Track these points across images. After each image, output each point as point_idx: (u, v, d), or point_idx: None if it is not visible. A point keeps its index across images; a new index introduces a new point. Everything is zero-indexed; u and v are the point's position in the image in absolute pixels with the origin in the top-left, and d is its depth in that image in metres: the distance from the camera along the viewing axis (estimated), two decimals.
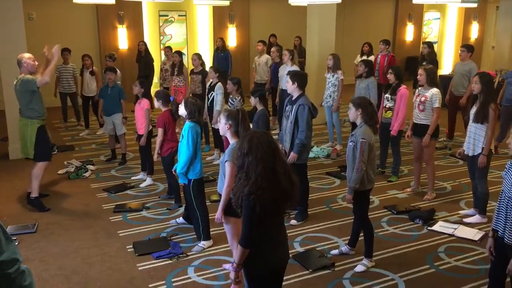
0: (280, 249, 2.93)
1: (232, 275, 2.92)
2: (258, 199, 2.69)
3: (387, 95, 6.50)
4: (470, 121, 5.16)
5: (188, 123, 4.64)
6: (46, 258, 4.59)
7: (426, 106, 5.74)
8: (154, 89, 10.34)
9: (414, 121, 5.93)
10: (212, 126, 7.17)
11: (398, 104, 6.28)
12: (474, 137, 5.12)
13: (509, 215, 3.13)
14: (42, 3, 10.89)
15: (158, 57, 12.06)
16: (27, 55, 5.55)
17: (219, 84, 7.02)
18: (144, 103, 6.40)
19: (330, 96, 7.82)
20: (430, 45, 9.17)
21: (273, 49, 9.05)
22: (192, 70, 8.18)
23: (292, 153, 5.03)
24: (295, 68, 7.63)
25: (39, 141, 5.58)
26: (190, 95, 7.92)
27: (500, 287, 3.43)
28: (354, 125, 4.52)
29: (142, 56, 10.46)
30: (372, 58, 9.53)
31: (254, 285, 2.96)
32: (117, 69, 7.78)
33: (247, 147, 2.74)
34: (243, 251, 2.81)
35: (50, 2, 10.98)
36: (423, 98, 5.76)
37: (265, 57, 9.49)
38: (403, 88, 6.30)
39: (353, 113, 4.26)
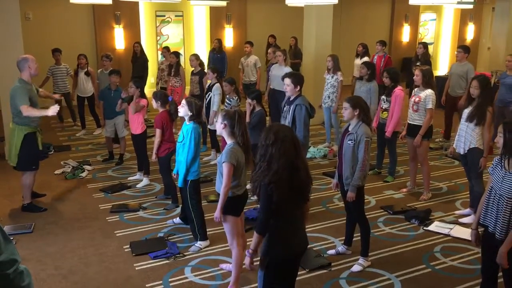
0: (300, 234, 3.10)
1: (247, 261, 3.07)
2: (277, 188, 2.85)
3: (383, 96, 6.51)
4: (462, 119, 5.14)
5: (191, 124, 4.64)
6: (43, 258, 4.59)
7: (419, 107, 5.76)
8: (150, 89, 10.35)
9: (408, 122, 5.96)
10: (209, 127, 7.19)
11: (393, 105, 6.26)
12: (465, 136, 5.10)
13: (500, 212, 3.20)
14: (39, 3, 10.87)
15: (154, 58, 12.07)
16: (31, 57, 5.32)
17: (217, 85, 7.01)
18: (142, 101, 6.41)
19: (329, 97, 7.83)
20: (425, 45, 9.32)
21: (269, 50, 9.05)
22: (192, 71, 8.18)
23: None
24: (288, 69, 7.63)
25: (23, 149, 5.34)
26: (188, 95, 7.93)
27: (493, 283, 3.47)
28: None
29: (138, 57, 10.45)
30: (366, 59, 9.55)
31: (272, 273, 3.03)
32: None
33: (273, 138, 2.90)
34: (259, 237, 2.99)
35: (47, 2, 10.97)
36: (417, 99, 5.79)
37: (253, 58, 9.46)
38: (398, 90, 6.27)
39: (349, 113, 4.26)
